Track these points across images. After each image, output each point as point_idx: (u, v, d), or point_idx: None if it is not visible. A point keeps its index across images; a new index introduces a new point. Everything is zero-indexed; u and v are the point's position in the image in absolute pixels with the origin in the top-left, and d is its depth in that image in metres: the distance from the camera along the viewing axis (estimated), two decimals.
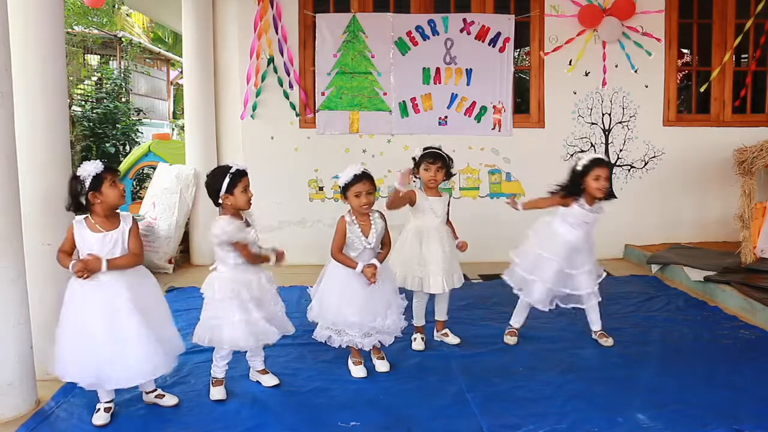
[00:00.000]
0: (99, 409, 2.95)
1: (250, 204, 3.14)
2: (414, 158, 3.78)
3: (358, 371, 3.43)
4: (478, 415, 2.94)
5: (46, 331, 3.29)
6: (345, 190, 3.25)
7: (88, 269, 2.79)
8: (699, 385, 3.24)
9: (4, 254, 2.88)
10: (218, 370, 3.21)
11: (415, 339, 3.85)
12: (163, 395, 3.11)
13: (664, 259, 5.76)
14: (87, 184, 2.82)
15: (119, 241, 2.89)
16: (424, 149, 3.76)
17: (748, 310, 4.44)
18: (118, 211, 2.97)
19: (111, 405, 2.98)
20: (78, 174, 2.84)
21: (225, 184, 3.04)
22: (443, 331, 3.95)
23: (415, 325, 3.86)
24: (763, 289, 4.54)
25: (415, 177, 3.79)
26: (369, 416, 2.96)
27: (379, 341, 3.38)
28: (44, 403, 3.10)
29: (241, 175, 3.08)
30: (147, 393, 3.11)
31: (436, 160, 3.68)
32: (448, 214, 3.83)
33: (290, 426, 2.89)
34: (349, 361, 3.49)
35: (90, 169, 2.83)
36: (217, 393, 3.17)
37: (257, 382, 3.34)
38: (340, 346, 3.36)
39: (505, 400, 3.11)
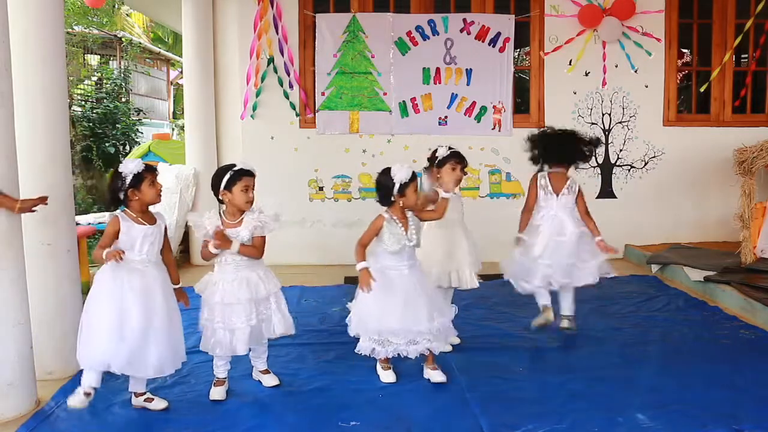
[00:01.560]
0: (78, 392, 2.89)
1: (249, 205, 3.11)
2: (436, 157, 3.73)
3: (387, 376, 3.34)
4: (478, 414, 2.94)
5: (46, 331, 3.30)
6: (404, 188, 3.15)
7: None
8: (699, 385, 3.24)
9: (4, 254, 2.88)
10: (219, 370, 3.21)
11: None
12: (152, 399, 3.07)
13: (664, 259, 5.76)
14: (128, 181, 2.89)
15: (157, 236, 2.99)
16: (449, 149, 3.75)
17: (748, 310, 4.44)
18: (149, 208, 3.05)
19: (92, 391, 2.91)
20: (120, 170, 2.92)
21: (225, 180, 3.07)
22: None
23: None
24: (763, 289, 4.54)
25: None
26: (369, 416, 2.95)
27: (428, 349, 3.25)
28: (44, 403, 3.09)
29: (243, 174, 3.08)
30: (137, 396, 3.07)
31: (462, 160, 3.71)
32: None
33: (290, 426, 2.89)
34: (378, 366, 3.40)
35: (132, 167, 2.91)
36: (216, 393, 3.17)
37: (258, 381, 3.34)
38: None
39: (505, 399, 3.11)
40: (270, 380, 3.31)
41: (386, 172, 3.19)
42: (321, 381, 3.36)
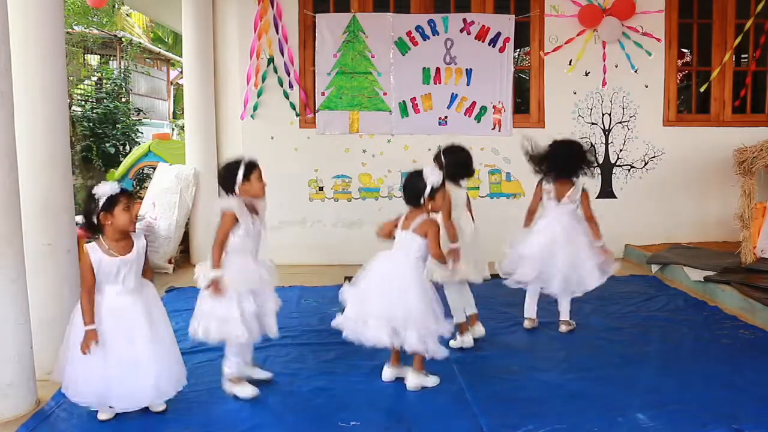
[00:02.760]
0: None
1: (265, 191, 3.21)
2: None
3: (436, 379, 3.33)
4: (478, 415, 2.94)
5: (46, 331, 3.30)
6: (434, 192, 3.16)
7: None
8: (699, 385, 3.24)
9: (4, 254, 2.88)
10: (233, 366, 3.16)
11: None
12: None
13: (664, 259, 5.76)
14: (100, 203, 2.79)
15: (134, 264, 2.89)
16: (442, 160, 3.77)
17: (748, 310, 4.44)
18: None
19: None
20: (93, 192, 2.82)
21: (242, 172, 3.11)
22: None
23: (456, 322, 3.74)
24: (763, 289, 4.54)
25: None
26: (369, 416, 2.95)
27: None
28: (44, 403, 3.09)
29: (255, 165, 3.18)
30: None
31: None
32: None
33: (290, 426, 2.89)
34: (423, 378, 3.34)
35: (106, 189, 2.82)
36: (243, 391, 3.13)
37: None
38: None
39: (505, 400, 3.11)
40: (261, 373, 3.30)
41: (418, 173, 3.19)
42: (321, 381, 3.36)
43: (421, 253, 3.18)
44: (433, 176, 3.14)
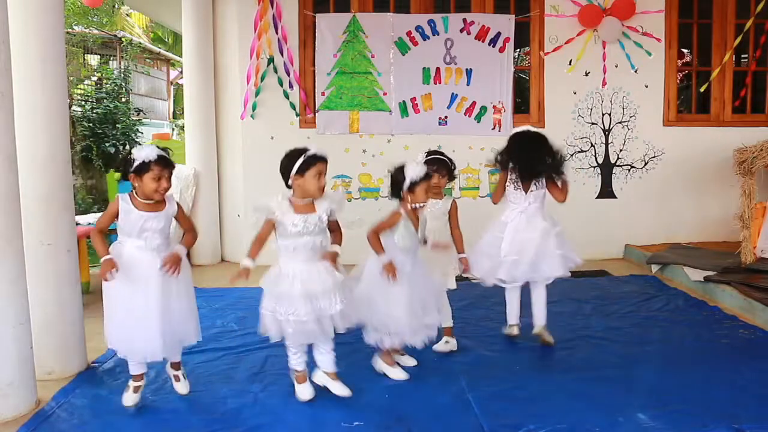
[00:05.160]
0: (129, 387, 3.08)
1: (320, 192, 3.01)
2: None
3: (398, 373, 3.37)
4: (479, 415, 2.94)
5: (46, 331, 3.30)
6: (414, 185, 3.18)
7: (175, 264, 2.91)
8: (699, 385, 3.24)
9: (4, 254, 2.88)
10: (294, 362, 3.14)
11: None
12: (179, 379, 3.19)
13: (664, 259, 5.76)
14: (134, 165, 2.86)
15: (159, 224, 2.94)
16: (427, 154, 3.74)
17: (748, 310, 4.44)
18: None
19: (141, 384, 3.08)
20: (131, 153, 2.90)
21: (298, 164, 2.94)
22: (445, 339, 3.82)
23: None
24: (763, 289, 4.54)
25: None
26: (369, 416, 2.95)
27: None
28: (44, 403, 3.09)
29: (317, 159, 2.96)
30: (172, 365, 3.19)
31: (440, 167, 3.67)
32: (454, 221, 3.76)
33: (290, 426, 2.89)
34: (383, 365, 3.41)
35: (142, 153, 2.87)
36: (302, 391, 3.11)
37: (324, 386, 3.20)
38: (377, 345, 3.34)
39: (505, 399, 3.11)
40: (339, 389, 3.13)
41: (401, 168, 3.26)
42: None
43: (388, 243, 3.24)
44: (413, 171, 3.20)
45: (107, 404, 3.09)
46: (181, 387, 3.19)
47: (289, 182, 3.00)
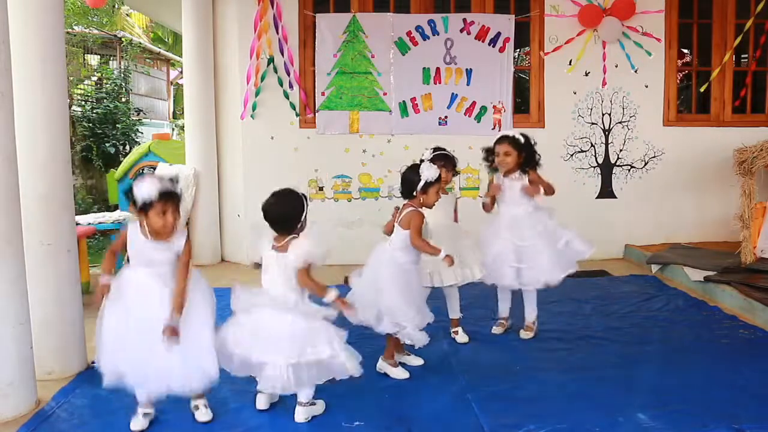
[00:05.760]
0: (138, 413, 2.89)
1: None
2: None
3: (399, 373, 3.41)
4: (479, 415, 2.94)
5: (46, 331, 3.30)
6: (427, 186, 3.30)
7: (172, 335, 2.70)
8: (699, 385, 3.25)
9: (3, 254, 2.88)
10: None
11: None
12: (199, 408, 2.96)
13: (664, 259, 5.76)
14: (137, 202, 2.69)
15: (164, 254, 2.77)
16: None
17: (748, 310, 4.44)
18: None
19: (149, 411, 2.90)
20: (132, 188, 2.70)
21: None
22: (455, 329, 4.01)
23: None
24: (763, 289, 4.54)
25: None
26: (369, 416, 2.96)
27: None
28: (44, 403, 3.09)
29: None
30: (195, 397, 2.96)
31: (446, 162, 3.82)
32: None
33: (290, 426, 2.89)
34: (386, 366, 3.43)
35: (142, 191, 2.66)
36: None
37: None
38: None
39: (505, 400, 3.11)
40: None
41: (415, 167, 3.33)
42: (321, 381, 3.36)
43: (402, 244, 3.26)
44: (428, 172, 3.28)
45: (107, 404, 3.08)
46: (200, 415, 2.95)
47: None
